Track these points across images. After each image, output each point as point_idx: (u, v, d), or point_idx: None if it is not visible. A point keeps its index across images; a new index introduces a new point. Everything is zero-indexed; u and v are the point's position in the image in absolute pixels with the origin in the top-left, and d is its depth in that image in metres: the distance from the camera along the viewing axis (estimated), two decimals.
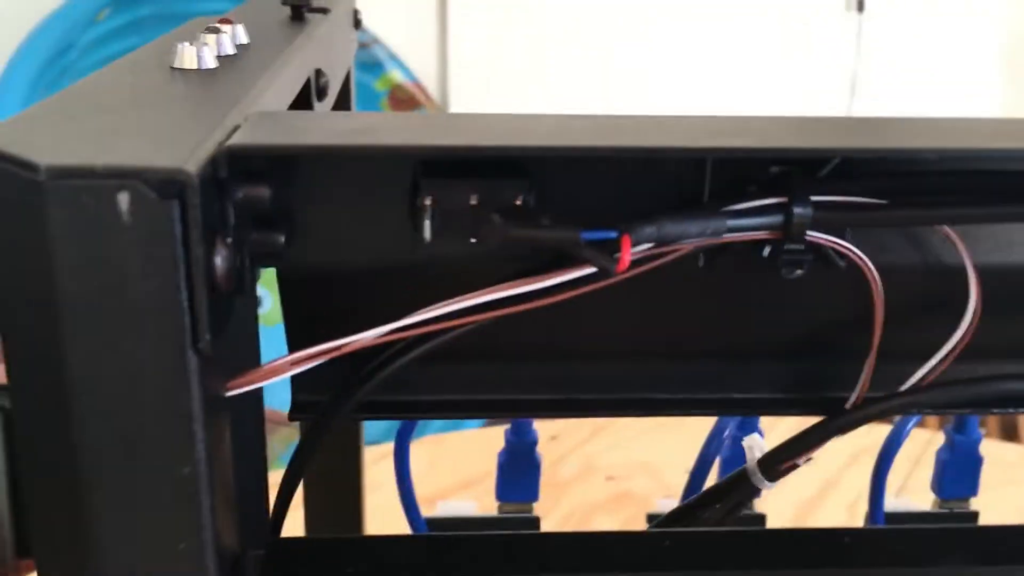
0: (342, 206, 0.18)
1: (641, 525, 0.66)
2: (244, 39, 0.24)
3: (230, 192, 0.16)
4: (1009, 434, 1.25)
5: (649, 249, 0.18)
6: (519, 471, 0.33)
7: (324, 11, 0.32)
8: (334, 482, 0.40)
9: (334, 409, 0.20)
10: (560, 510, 0.76)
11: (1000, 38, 1.72)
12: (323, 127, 0.17)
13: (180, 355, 0.14)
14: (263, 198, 0.16)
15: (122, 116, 0.17)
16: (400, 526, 0.33)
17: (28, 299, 0.14)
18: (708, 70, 1.69)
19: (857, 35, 1.66)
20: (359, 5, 0.42)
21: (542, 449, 0.32)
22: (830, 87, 1.70)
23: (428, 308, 0.17)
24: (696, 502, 0.23)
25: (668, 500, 0.34)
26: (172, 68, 0.21)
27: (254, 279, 0.18)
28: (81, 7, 1.14)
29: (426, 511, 0.33)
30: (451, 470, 0.73)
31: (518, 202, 0.17)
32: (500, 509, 0.34)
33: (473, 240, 0.17)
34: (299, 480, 0.20)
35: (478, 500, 0.36)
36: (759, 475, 0.22)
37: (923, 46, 1.67)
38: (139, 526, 0.15)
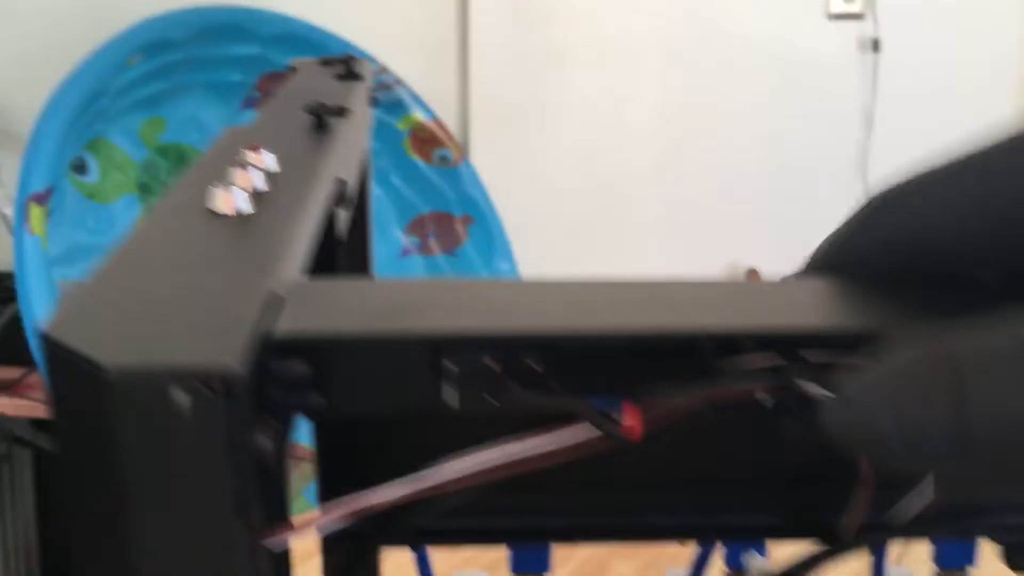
0: (374, 371, 0.19)
1: (661, 564, 0.67)
2: (274, 167, 0.26)
3: (272, 371, 0.17)
4: None
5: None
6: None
7: (343, 112, 0.32)
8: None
9: (359, 556, 0.21)
10: (577, 556, 0.77)
11: (1017, 68, 1.72)
12: (355, 307, 0.19)
13: (229, 525, 0.16)
14: (301, 373, 0.18)
15: (170, 293, 0.18)
16: None
17: (93, 478, 0.16)
18: (723, 113, 1.70)
19: (873, 74, 1.68)
20: (382, 47, 0.43)
21: None
22: (845, 126, 1.71)
23: (445, 465, 0.19)
24: None
25: (677, 570, 0.35)
26: (209, 211, 0.22)
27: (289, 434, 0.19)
28: (113, 54, 1.17)
29: None
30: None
31: (533, 366, 0.19)
32: None
33: (492, 401, 0.19)
34: None
35: (494, 570, 0.37)
36: None
37: (940, 79, 1.68)
38: None
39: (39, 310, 1.07)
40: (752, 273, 1.73)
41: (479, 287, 0.20)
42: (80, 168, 1.32)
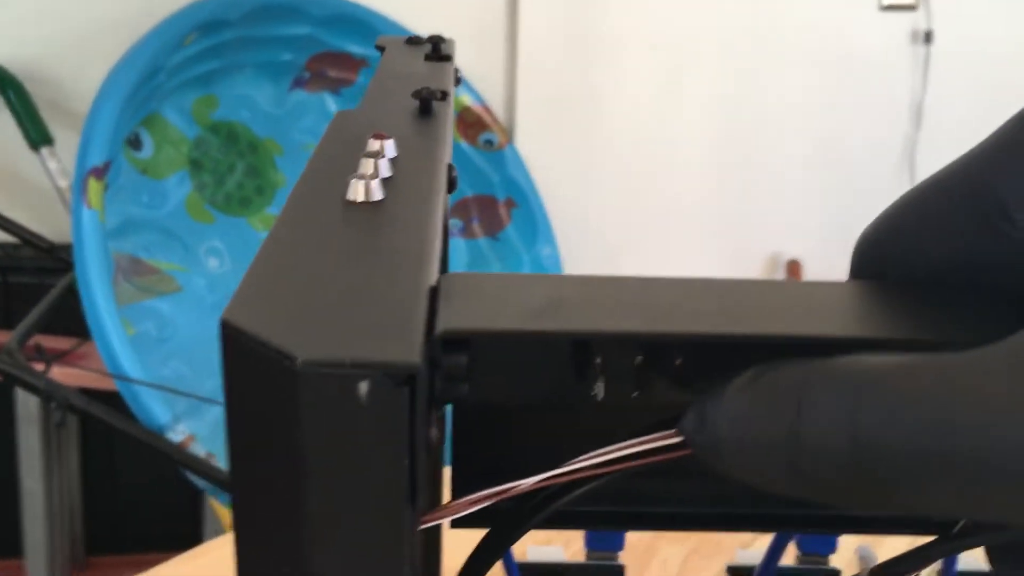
0: (526, 365, 0.20)
1: (706, 550, 0.66)
2: (393, 152, 0.26)
3: (440, 365, 0.18)
4: None
5: None
6: None
7: (445, 95, 0.32)
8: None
9: (498, 544, 0.22)
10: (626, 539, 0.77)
11: None
12: (510, 303, 0.19)
13: (400, 509, 0.17)
14: (463, 364, 0.19)
15: (335, 284, 0.19)
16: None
17: (269, 462, 0.17)
18: (771, 104, 1.69)
19: (924, 67, 1.66)
20: (431, 29, 0.43)
21: None
22: (894, 119, 1.69)
23: (581, 458, 0.20)
24: None
25: (748, 551, 0.35)
26: (345, 201, 0.23)
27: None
28: (171, 31, 1.18)
29: (518, 556, 0.35)
30: None
31: (678, 362, 0.19)
32: (588, 556, 0.35)
33: (636, 395, 0.19)
34: None
35: (568, 546, 0.38)
36: None
37: (993, 73, 1.66)
38: None
39: (95, 282, 1.10)
40: (793, 264, 1.72)
41: (624, 284, 0.20)
42: (135, 143, 1.34)
